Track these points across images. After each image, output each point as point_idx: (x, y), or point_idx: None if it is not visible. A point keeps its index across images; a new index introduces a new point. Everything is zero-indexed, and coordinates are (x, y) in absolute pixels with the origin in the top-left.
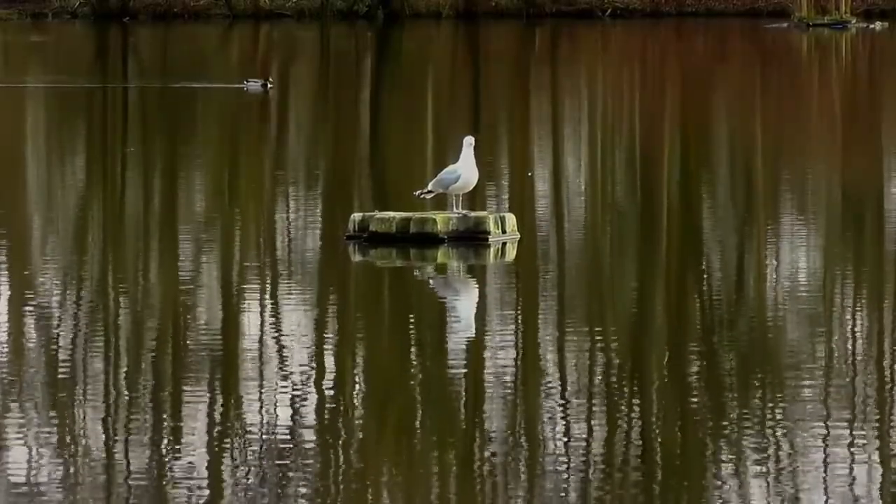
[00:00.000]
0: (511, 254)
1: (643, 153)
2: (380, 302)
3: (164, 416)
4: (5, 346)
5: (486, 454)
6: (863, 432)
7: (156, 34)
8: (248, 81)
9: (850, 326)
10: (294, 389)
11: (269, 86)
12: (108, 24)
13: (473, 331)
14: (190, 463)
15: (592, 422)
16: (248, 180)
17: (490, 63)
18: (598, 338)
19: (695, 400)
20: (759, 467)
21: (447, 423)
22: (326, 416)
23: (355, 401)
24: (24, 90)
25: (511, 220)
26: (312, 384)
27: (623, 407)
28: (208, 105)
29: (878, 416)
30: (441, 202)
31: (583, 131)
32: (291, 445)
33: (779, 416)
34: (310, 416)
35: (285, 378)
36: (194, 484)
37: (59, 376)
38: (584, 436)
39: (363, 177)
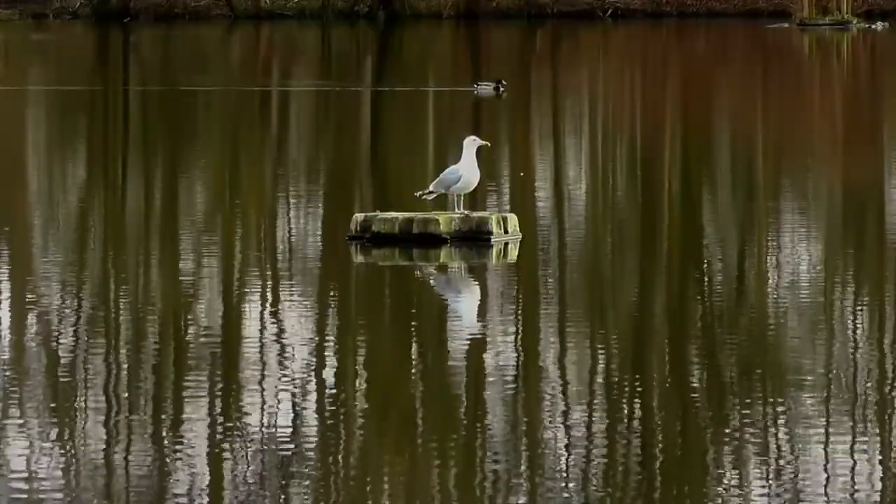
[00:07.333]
0: (513, 254)
1: (644, 153)
2: (382, 302)
3: (165, 416)
4: (5, 346)
5: (487, 454)
6: (864, 433)
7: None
8: (478, 84)
9: (851, 327)
10: (295, 389)
11: (501, 88)
12: (108, 24)
13: (475, 331)
14: (191, 462)
15: (593, 421)
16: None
17: (491, 63)
18: (600, 338)
19: (696, 400)
20: (759, 468)
21: (448, 423)
22: (328, 416)
23: (357, 401)
24: (34, 91)
25: (513, 220)
26: (314, 384)
27: (624, 407)
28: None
29: (879, 417)
30: (442, 203)
31: (584, 132)
32: (293, 445)
33: (780, 417)
34: (311, 416)
35: (287, 378)
36: (195, 483)
37: (60, 376)
38: (584, 435)
39: (364, 177)
